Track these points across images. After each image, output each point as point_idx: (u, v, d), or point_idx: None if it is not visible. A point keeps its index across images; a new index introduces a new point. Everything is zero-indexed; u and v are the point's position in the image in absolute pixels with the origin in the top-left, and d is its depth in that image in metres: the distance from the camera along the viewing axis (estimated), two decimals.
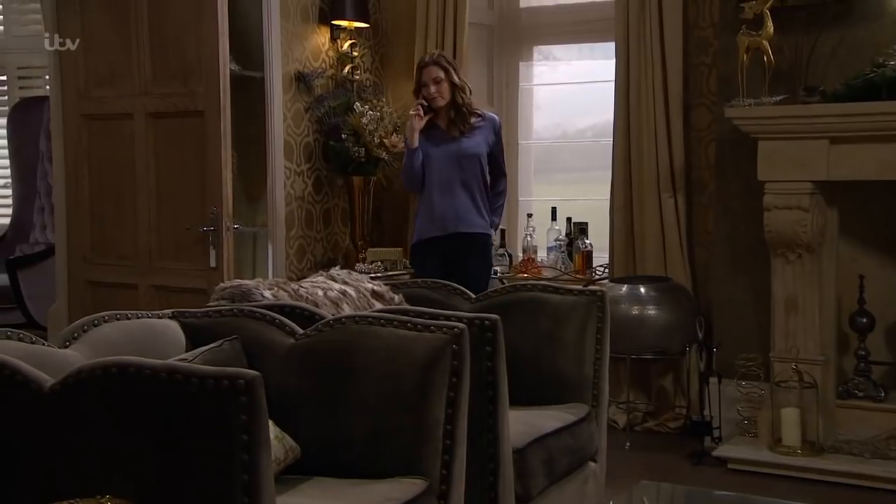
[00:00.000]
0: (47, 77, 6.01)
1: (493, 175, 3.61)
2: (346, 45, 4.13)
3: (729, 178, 3.55)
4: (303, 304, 2.33)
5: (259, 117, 3.85)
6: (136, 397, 1.54)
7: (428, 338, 1.99)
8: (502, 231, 4.26)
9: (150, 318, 2.20)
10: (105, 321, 2.08)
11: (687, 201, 3.78)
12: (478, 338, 2.07)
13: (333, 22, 4.07)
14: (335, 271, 2.79)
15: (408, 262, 3.99)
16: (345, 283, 2.73)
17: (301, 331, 2.15)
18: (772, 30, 3.15)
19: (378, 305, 2.74)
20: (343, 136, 3.96)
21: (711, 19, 3.70)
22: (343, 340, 2.06)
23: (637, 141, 3.82)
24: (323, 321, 2.14)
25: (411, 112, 3.52)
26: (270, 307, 2.27)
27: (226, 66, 3.12)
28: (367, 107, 3.97)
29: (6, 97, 6.20)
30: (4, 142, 6.04)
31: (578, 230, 4.10)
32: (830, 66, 3.26)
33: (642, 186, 3.83)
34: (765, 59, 3.20)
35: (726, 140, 3.51)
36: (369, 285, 2.77)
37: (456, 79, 3.51)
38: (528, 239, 4.21)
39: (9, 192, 6.07)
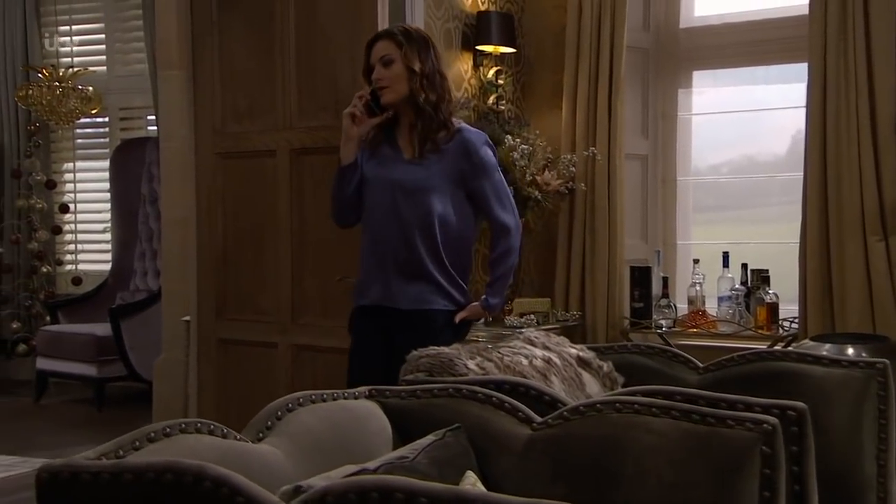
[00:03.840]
0: (150, 117, 5.83)
1: (490, 228, 2.50)
2: (490, 73, 3.72)
3: None
4: (528, 382, 1.87)
5: None
6: None
7: (725, 435, 1.51)
8: (664, 279, 3.76)
9: (345, 398, 1.77)
10: (299, 405, 1.66)
11: None
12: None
13: (477, 47, 3.68)
14: (531, 333, 2.33)
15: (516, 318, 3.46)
16: (546, 347, 2.27)
17: (538, 418, 1.69)
18: None
19: (586, 375, 2.27)
20: None
21: None
22: (603, 435, 1.59)
23: (836, 175, 3.30)
24: (568, 407, 1.67)
25: (346, 110, 2.35)
26: (484, 383, 1.83)
27: None
28: (518, 140, 3.54)
29: (107, 139, 6.01)
30: (105, 185, 5.84)
31: (759, 278, 3.57)
32: None
33: (843, 228, 3.30)
34: None
35: None
36: (573, 350, 2.30)
37: (416, 62, 2.31)
38: (697, 289, 3.70)
39: (108, 236, 5.84)
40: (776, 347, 3.39)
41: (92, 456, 1.29)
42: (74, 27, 5.86)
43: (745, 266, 3.64)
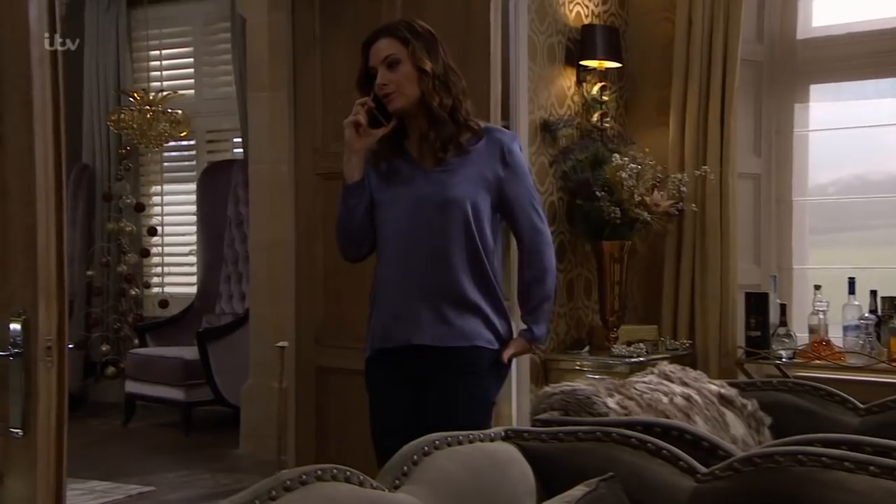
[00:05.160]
0: (235, 140, 5.85)
1: (518, 242, 2.15)
2: (594, 89, 3.55)
3: None
4: (681, 424, 1.69)
5: None
6: None
7: None
8: (782, 307, 3.50)
9: (481, 441, 1.61)
10: (436, 448, 1.51)
11: None
12: None
13: (581, 62, 3.52)
14: (666, 367, 2.14)
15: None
16: (683, 383, 2.07)
17: (702, 468, 1.50)
18: None
19: (729, 414, 2.07)
20: (597, 193, 3.35)
21: None
22: (787, 493, 1.38)
23: None
24: (739, 457, 1.47)
25: (347, 119, 2.06)
26: (631, 425, 1.64)
27: (497, 109, 2.59)
28: (626, 159, 3.35)
29: (194, 162, 6.04)
30: (191, 207, 5.86)
31: (892, 306, 3.28)
32: None
33: None
34: None
35: None
36: (713, 387, 2.11)
37: (426, 61, 2.02)
38: (820, 317, 3.42)
39: (193, 259, 5.85)
40: None
41: None
42: (164, 51, 5.94)
43: (874, 293, 3.36)
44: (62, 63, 1.74)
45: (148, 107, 5.46)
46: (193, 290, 5.75)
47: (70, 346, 1.69)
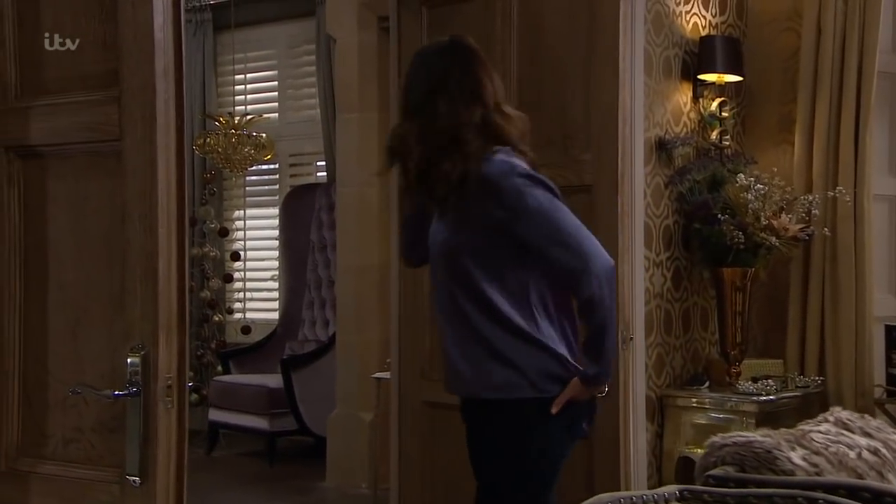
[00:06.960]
0: (319, 163, 5.77)
1: (569, 285, 1.96)
2: (713, 105, 3.31)
3: None
4: (888, 487, 1.43)
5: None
6: None
7: None
8: None
9: (655, 501, 1.39)
10: None
11: None
12: None
13: (698, 76, 3.28)
14: (842, 414, 1.87)
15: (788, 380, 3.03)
16: (866, 434, 1.80)
17: None
18: None
19: None
20: (719, 216, 3.10)
21: None
22: None
23: None
24: None
25: None
26: (832, 488, 1.40)
27: (625, 123, 2.38)
28: (752, 179, 3.10)
29: (277, 186, 5.99)
30: (273, 232, 5.79)
31: None
32: None
33: None
34: None
35: None
36: None
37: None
38: None
39: (275, 284, 5.77)
40: None
41: None
42: (249, 75, 5.92)
43: None
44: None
45: (233, 130, 5.42)
46: (275, 315, 5.66)
47: (189, 384, 1.53)
